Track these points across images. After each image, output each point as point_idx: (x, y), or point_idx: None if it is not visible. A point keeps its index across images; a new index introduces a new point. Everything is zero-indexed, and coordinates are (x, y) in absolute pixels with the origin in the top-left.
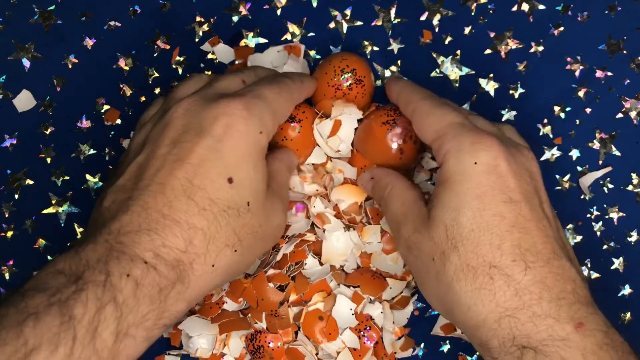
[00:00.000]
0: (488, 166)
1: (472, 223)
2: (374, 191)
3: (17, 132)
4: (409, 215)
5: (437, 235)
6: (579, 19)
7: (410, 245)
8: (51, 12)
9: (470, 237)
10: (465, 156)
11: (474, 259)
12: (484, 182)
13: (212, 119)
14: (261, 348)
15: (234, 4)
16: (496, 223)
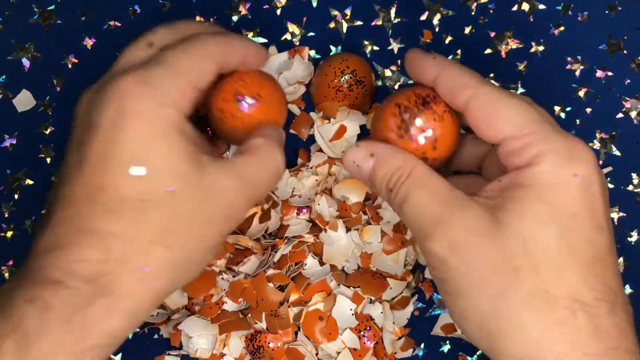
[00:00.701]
0: (586, 182)
1: (560, 244)
2: (376, 175)
3: (17, 132)
4: (452, 207)
5: (510, 246)
6: (579, 19)
7: (458, 245)
8: (51, 12)
9: (556, 260)
10: (565, 164)
11: (556, 286)
12: (580, 199)
13: (100, 108)
14: (261, 348)
15: (234, 4)
16: (584, 251)
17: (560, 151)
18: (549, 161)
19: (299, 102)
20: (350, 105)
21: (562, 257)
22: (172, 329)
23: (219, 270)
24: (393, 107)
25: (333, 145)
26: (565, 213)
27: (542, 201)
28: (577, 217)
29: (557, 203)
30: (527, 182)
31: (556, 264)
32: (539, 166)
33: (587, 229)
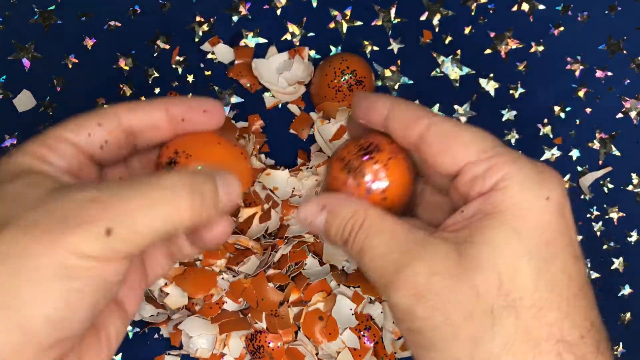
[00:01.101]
0: (559, 206)
1: (538, 278)
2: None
3: (17, 132)
4: (413, 251)
5: (483, 285)
6: (579, 19)
7: (423, 292)
8: (51, 12)
9: (534, 297)
10: (535, 186)
11: (538, 327)
12: (554, 225)
13: None
14: (261, 348)
15: (234, 4)
16: (565, 283)
17: (528, 173)
18: (517, 184)
19: (299, 102)
20: (350, 106)
21: (541, 293)
22: (172, 329)
23: (219, 270)
24: (338, 160)
25: (333, 145)
26: (539, 242)
27: (514, 229)
28: (552, 246)
29: (530, 230)
30: (495, 209)
31: (535, 301)
32: (506, 190)
33: (564, 259)
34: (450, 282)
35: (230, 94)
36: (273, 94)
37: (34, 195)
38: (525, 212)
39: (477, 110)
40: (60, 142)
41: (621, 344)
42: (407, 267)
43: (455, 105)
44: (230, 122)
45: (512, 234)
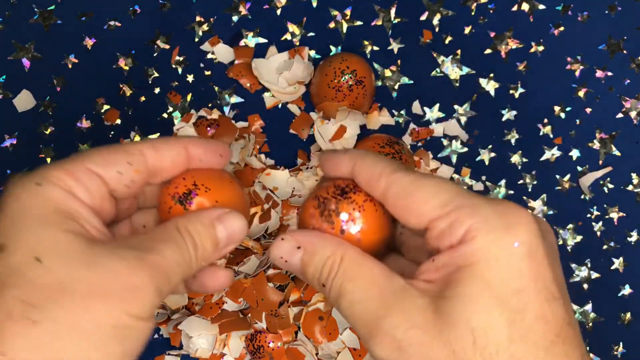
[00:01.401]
0: (528, 249)
1: (511, 330)
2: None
3: (17, 132)
4: (392, 301)
5: (458, 341)
6: (579, 19)
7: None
8: (51, 12)
9: (509, 351)
10: (501, 234)
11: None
12: (526, 271)
13: None
14: (261, 348)
15: (234, 4)
16: (540, 330)
17: (492, 220)
18: (483, 234)
19: (299, 102)
20: (350, 105)
21: (517, 345)
22: (172, 329)
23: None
24: (314, 199)
25: (333, 145)
26: (511, 291)
27: (484, 282)
28: (525, 293)
29: (500, 281)
30: (464, 262)
31: (512, 353)
32: (473, 242)
33: (537, 304)
34: (427, 338)
35: (230, 93)
36: (273, 94)
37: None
38: (494, 263)
39: (477, 110)
40: (88, 176)
41: (621, 344)
42: (386, 318)
43: (455, 105)
44: (230, 122)
45: (483, 287)
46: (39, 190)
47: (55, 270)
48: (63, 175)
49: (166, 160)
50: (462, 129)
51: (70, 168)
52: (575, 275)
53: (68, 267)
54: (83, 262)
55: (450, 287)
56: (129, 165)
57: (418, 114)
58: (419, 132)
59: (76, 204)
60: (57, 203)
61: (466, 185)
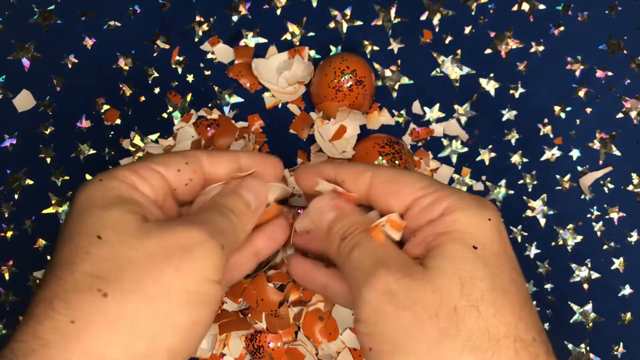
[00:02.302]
0: (499, 227)
1: (493, 282)
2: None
3: (17, 132)
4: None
5: (446, 288)
6: (579, 19)
7: (394, 292)
8: (51, 12)
9: (491, 298)
10: (476, 210)
11: (497, 325)
12: (497, 242)
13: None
14: (261, 348)
15: (233, 4)
16: (513, 290)
17: (469, 201)
18: (462, 209)
19: (299, 102)
20: (350, 105)
21: (497, 295)
22: None
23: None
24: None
25: (333, 145)
26: (488, 253)
27: (465, 243)
28: (498, 258)
29: (479, 244)
30: (447, 229)
31: (493, 302)
32: (454, 214)
33: (510, 270)
34: (416, 284)
35: (230, 94)
36: (273, 94)
37: (134, 224)
38: (473, 231)
39: (477, 110)
40: (151, 173)
41: (621, 344)
42: (384, 267)
43: (456, 105)
44: (230, 122)
45: (465, 248)
46: (101, 183)
47: (114, 244)
48: (127, 172)
49: (220, 168)
50: (462, 129)
51: (134, 167)
52: (575, 275)
53: (127, 240)
54: (139, 234)
55: (435, 248)
56: (186, 165)
57: (418, 114)
58: (419, 132)
59: (137, 194)
60: (117, 192)
61: (466, 185)
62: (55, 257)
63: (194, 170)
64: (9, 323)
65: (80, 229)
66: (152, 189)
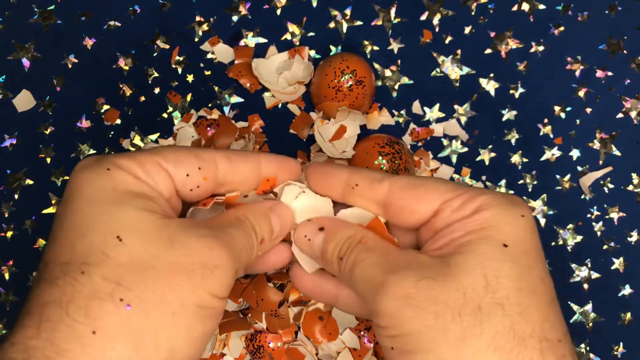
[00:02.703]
0: (532, 224)
1: (520, 281)
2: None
3: (17, 132)
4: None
5: (470, 285)
6: (579, 19)
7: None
8: (51, 12)
9: (518, 297)
10: (509, 207)
11: (523, 325)
12: (529, 239)
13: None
14: (261, 348)
15: (233, 4)
16: (541, 290)
17: (501, 198)
18: (495, 206)
19: (299, 102)
20: (350, 105)
21: (524, 294)
22: None
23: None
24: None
25: (333, 145)
26: (519, 251)
27: (497, 241)
28: (529, 256)
29: (510, 241)
30: (479, 226)
31: (520, 301)
32: (486, 211)
33: (540, 268)
34: (437, 284)
35: (230, 93)
36: (273, 94)
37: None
38: (505, 228)
39: (477, 110)
40: (157, 170)
41: (621, 344)
42: (395, 273)
43: (455, 105)
44: (230, 122)
45: (495, 245)
46: (110, 174)
47: (136, 249)
48: (133, 164)
49: (238, 175)
50: (462, 129)
51: (141, 159)
52: (575, 275)
53: (148, 245)
54: (162, 240)
55: (463, 246)
56: (198, 170)
57: (418, 114)
58: (419, 132)
59: (147, 187)
60: (128, 185)
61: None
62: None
63: (205, 177)
64: (9, 323)
65: (93, 225)
66: (157, 186)
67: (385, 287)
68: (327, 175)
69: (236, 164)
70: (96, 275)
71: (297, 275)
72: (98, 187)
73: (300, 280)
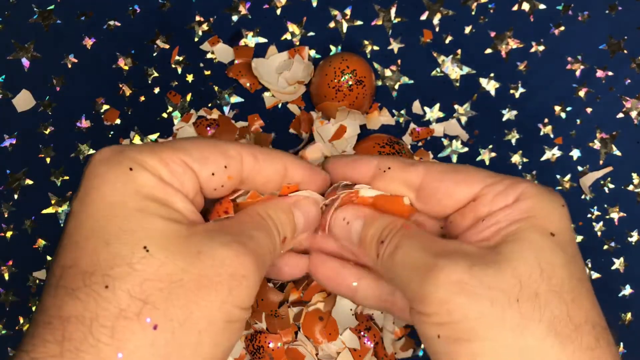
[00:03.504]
0: (568, 214)
1: (570, 269)
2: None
3: (17, 132)
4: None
5: (525, 273)
6: (579, 19)
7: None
8: (51, 11)
9: (570, 285)
10: (550, 196)
11: (577, 310)
12: (570, 229)
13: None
14: (261, 348)
15: (233, 4)
16: (585, 278)
17: (540, 187)
18: (536, 195)
19: (299, 102)
20: (350, 105)
21: (575, 283)
22: None
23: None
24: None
25: (333, 145)
26: (564, 240)
27: (543, 229)
28: (573, 245)
29: (555, 230)
30: (522, 215)
31: (572, 289)
32: (529, 200)
33: (580, 258)
34: (492, 271)
35: (230, 93)
36: (273, 94)
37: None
38: (549, 217)
39: (478, 110)
40: (183, 169)
41: (622, 344)
42: (446, 258)
43: (456, 105)
44: (230, 122)
45: (544, 234)
46: (132, 175)
47: (163, 262)
48: (157, 163)
49: (263, 174)
50: (462, 129)
51: (166, 157)
52: None
53: (175, 257)
54: (189, 251)
55: (511, 235)
56: (224, 169)
57: (418, 113)
58: (419, 132)
59: (171, 190)
60: (151, 189)
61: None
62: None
63: (230, 175)
64: (9, 323)
65: (118, 234)
66: (182, 187)
67: (434, 271)
68: (356, 161)
69: (262, 164)
70: (121, 291)
71: (317, 263)
72: (120, 190)
73: (320, 267)
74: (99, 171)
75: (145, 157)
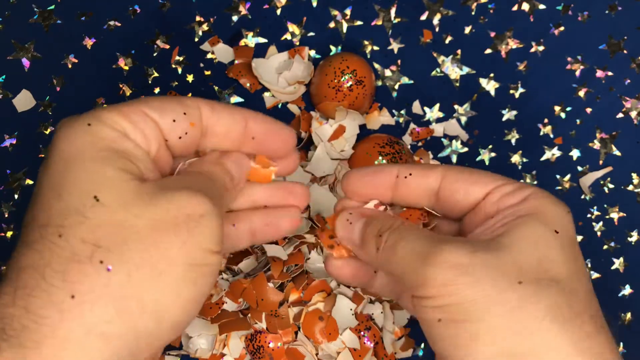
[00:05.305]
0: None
1: (568, 267)
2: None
3: (17, 132)
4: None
5: (525, 262)
6: (579, 19)
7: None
8: (51, 12)
9: (569, 278)
10: (555, 200)
11: (577, 302)
12: (572, 232)
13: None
14: (261, 348)
15: (233, 4)
16: (586, 277)
17: (548, 193)
18: (545, 198)
19: (299, 102)
20: (350, 105)
21: (573, 278)
22: None
23: (219, 270)
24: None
25: (332, 145)
26: (567, 240)
27: (547, 225)
28: (576, 247)
29: (559, 229)
30: (530, 211)
31: (570, 282)
32: (537, 200)
33: (582, 260)
34: (492, 256)
35: (230, 93)
36: (273, 94)
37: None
38: (555, 217)
39: (478, 110)
40: (144, 120)
41: (621, 344)
42: (448, 243)
43: (456, 105)
44: None
45: (547, 230)
46: (90, 129)
47: (115, 209)
48: (117, 116)
49: (221, 124)
50: (462, 129)
51: (125, 110)
52: None
53: (128, 204)
54: (142, 199)
55: (514, 228)
56: (184, 115)
57: (418, 114)
58: (419, 132)
59: (130, 144)
60: (110, 142)
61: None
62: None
63: (192, 122)
64: None
65: (69, 186)
66: (144, 139)
67: (436, 255)
68: (376, 171)
69: (220, 114)
70: (74, 238)
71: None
72: (77, 145)
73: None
74: (59, 133)
75: (105, 112)
